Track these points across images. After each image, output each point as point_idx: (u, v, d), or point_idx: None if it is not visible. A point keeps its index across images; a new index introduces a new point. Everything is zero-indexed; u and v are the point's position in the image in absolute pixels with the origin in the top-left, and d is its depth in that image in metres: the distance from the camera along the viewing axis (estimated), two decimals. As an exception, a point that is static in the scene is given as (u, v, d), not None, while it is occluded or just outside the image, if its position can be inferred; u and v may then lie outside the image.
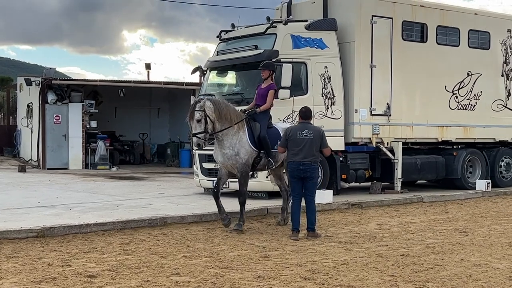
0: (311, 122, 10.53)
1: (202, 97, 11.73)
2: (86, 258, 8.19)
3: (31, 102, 24.48)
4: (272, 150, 10.74)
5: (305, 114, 10.26)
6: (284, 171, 11.20)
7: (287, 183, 11.10)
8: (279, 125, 11.38)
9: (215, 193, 10.68)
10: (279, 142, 10.62)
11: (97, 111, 24.43)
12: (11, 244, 8.99)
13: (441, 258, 8.46)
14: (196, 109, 10.28)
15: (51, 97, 23.10)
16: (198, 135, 10.26)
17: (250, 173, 11.06)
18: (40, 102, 23.28)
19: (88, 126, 23.83)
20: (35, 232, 9.55)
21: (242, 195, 10.60)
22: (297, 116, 10.69)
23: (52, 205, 12.79)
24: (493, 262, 8.23)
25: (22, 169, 21.60)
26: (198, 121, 10.25)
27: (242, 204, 10.57)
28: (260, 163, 10.83)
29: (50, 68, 25.12)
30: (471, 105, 17.06)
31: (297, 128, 10.13)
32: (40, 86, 23.22)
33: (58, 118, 23.21)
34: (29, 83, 23.77)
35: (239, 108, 13.84)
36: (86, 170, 22.95)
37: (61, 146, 23.27)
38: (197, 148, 10.58)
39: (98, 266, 7.76)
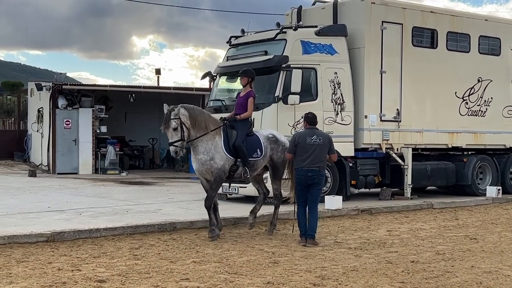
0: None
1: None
2: (96, 263, 8.21)
3: (42, 107, 24.59)
4: (250, 159, 10.51)
5: (312, 120, 10.17)
6: (264, 176, 11.15)
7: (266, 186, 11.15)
8: (261, 132, 11.16)
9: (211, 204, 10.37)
10: (258, 151, 10.54)
11: (107, 116, 24.50)
12: (21, 249, 9.03)
13: (451, 265, 8.42)
14: (172, 117, 10.07)
15: (61, 102, 23.18)
16: (175, 144, 10.10)
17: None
18: (51, 107, 23.36)
19: (98, 131, 23.89)
20: (45, 236, 9.59)
21: (208, 199, 10.29)
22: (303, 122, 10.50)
23: (62, 209, 12.83)
24: (504, 269, 8.19)
25: (33, 174, 21.68)
26: (175, 129, 10.05)
27: (208, 208, 10.28)
28: (237, 172, 10.56)
29: (61, 73, 25.23)
30: (482, 111, 17.01)
31: (306, 134, 10.04)
32: (50, 91, 23.30)
33: (69, 123, 23.29)
34: (39, 88, 23.88)
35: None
36: (96, 175, 23.00)
37: (71, 151, 23.34)
38: (175, 156, 10.46)
39: (107, 270, 7.78)
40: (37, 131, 24.97)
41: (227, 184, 13.76)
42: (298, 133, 10.53)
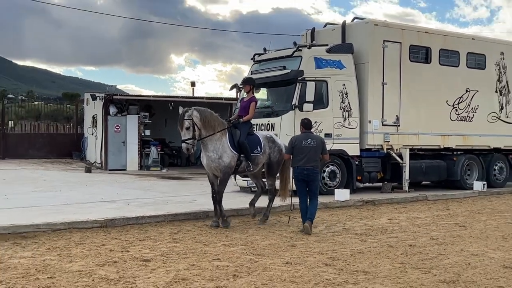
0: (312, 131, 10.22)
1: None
2: (142, 245, 8.25)
3: (96, 114, 24.77)
4: (252, 155, 10.32)
5: (307, 124, 10.04)
6: (263, 170, 10.81)
7: (264, 181, 10.87)
8: (260, 132, 11.06)
9: (215, 197, 10.14)
10: (258, 148, 10.37)
11: (150, 121, 24.60)
12: (79, 233, 9.11)
13: (444, 249, 8.34)
14: (185, 118, 9.92)
15: (112, 109, 23.35)
16: (187, 141, 9.88)
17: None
18: (103, 114, 23.51)
19: (143, 134, 24.03)
20: (99, 223, 9.67)
21: (219, 193, 10.06)
22: (300, 126, 10.22)
23: (113, 200, 12.92)
24: (488, 252, 8.10)
25: (88, 170, 21.84)
26: (187, 128, 9.87)
27: (219, 202, 10.05)
28: (241, 166, 10.37)
29: (112, 86, 25.41)
30: (469, 117, 16.82)
31: (302, 137, 9.90)
32: (103, 100, 23.49)
33: (118, 127, 23.45)
34: (94, 98, 24.09)
35: (267, 120, 13.89)
36: (141, 171, 23.11)
37: (120, 151, 23.48)
38: (186, 152, 10.08)
39: (151, 252, 7.82)
40: (92, 134, 25.17)
41: (249, 179, 13.72)
42: (295, 136, 10.29)
